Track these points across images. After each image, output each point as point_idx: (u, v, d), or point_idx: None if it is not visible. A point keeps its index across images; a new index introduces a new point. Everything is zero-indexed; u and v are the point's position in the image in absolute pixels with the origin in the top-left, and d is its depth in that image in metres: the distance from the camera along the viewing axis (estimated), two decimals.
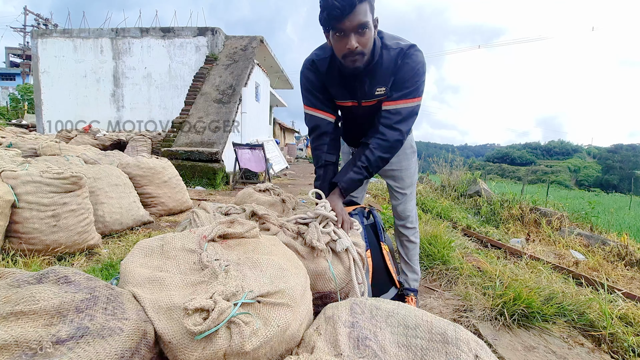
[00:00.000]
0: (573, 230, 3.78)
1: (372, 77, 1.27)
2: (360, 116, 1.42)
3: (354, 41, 1.12)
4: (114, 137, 7.62)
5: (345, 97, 1.35)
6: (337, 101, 1.40)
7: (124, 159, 3.42)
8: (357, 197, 1.81)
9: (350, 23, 1.09)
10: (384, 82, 1.27)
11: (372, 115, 1.41)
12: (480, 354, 0.70)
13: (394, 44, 1.25)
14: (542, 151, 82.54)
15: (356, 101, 1.35)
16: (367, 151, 1.30)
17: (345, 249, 1.11)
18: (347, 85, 1.32)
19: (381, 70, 1.25)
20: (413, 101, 1.28)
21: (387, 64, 1.25)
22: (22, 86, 20.34)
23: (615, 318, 1.57)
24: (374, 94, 1.30)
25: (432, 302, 1.81)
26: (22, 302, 0.64)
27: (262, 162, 6.32)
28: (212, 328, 0.65)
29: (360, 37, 1.12)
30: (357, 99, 1.34)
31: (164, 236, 0.95)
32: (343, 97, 1.36)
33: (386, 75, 1.26)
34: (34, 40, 9.43)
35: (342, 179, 1.31)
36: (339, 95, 1.37)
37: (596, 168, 60.72)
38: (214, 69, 8.17)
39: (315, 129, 1.41)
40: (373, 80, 1.27)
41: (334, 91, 1.36)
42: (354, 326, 0.78)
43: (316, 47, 1.39)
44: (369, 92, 1.30)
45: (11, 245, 1.77)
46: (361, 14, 1.08)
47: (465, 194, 5.91)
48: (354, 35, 1.11)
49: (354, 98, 1.34)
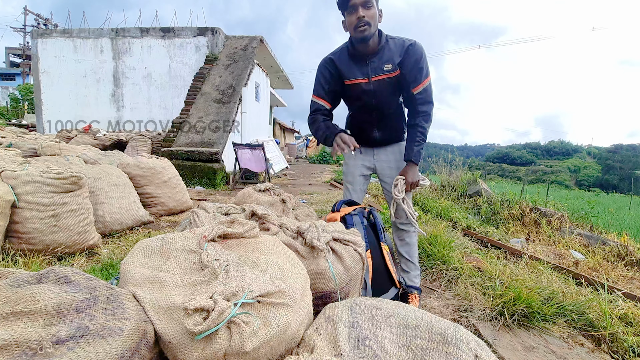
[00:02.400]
0: (573, 230, 3.78)
1: (380, 57, 1.59)
2: (371, 95, 1.67)
3: (361, 12, 1.46)
4: (114, 137, 7.62)
5: (357, 74, 1.64)
6: (349, 80, 1.66)
7: (124, 159, 3.42)
8: (358, 197, 1.83)
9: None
10: (391, 61, 1.58)
11: (379, 93, 1.66)
12: (480, 354, 0.70)
13: (397, 37, 1.61)
14: (542, 151, 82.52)
15: (367, 77, 1.63)
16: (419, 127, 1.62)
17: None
18: (359, 65, 1.63)
19: (388, 52, 1.58)
20: (429, 78, 1.61)
21: (394, 49, 1.58)
22: (22, 86, 20.33)
23: (615, 318, 1.57)
24: (383, 69, 1.60)
25: (432, 302, 1.81)
26: (22, 302, 0.64)
27: (262, 162, 6.32)
28: (212, 328, 0.65)
29: (367, 11, 1.47)
30: (368, 75, 1.62)
31: (164, 236, 0.95)
32: (354, 76, 1.65)
33: (393, 56, 1.57)
34: (34, 40, 9.43)
35: (412, 156, 1.64)
36: (351, 74, 1.65)
37: (596, 168, 60.70)
38: (214, 69, 8.17)
39: (315, 111, 1.75)
40: (381, 59, 1.59)
41: (346, 71, 1.65)
42: (354, 326, 0.78)
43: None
44: (378, 67, 1.60)
45: (11, 245, 1.77)
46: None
47: (465, 194, 5.91)
48: (361, 8, 1.46)
49: (365, 75, 1.63)
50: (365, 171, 1.84)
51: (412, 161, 1.65)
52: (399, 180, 1.66)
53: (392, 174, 1.76)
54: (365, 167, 1.83)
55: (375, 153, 1.82)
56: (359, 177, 1.84)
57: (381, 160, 1.80)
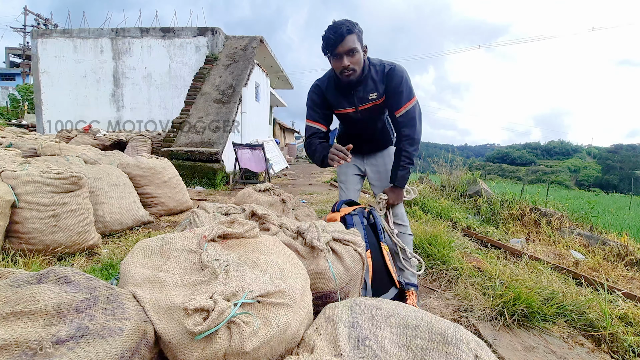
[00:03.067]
0: (573, 230, 3.78)
1: (364, 86, 1.62)
2: (358, 121, 1.74)
3: (346, 61, 1.49)
4: (114, 137, 7.62)
5: (344, 105, 1.69)
6: (337, 110, 1.73)
7: (124, 159, 3.42)
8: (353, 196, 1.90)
9: (342, 48, 1.47)
10: (375, 89, 1.62)
11: (367, 119, 1.72)
12: (480, 354, 0.70)
13: (378, 61, 1.63)
14: (542, 151, 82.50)
15: (354, 107, 1.68)
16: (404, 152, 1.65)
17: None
18: (345, 96, 1.67)
19: (371, 81, 1.62)
20: (412, 101, 1.61)
21: (375, 77, 1.61)
22: (22, 86, 20.31)
23: (615, 318, 1.57)
24: (368, 98, 1.64)
25: (432, 302, 1.81)
26: (22, 302, 0.64)
27: (262, 162, 6.32)
28: (212, 328, 0.65)
29: (351, 58, 1.49)
30: (355, 105, 1.67)
31: (164, 236, 0.95)
32: (342, 106, 1.70)
33: (375, 84, 1.61)
34: (34, 40, 9.43)
35: (395, 181, 1.70)
36: (338, 104, 1.70)
37: (596, 168, 60.67)
38: (214, 69, 8.17)
39: (311, 135, 1.80)
40: (366, 88, 1.62)
41: (334, 101, 1.70)
42: (354, 326, 0.78)
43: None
44: (363, 97, 1.64)
45: (11, 245, 1.77)
46: (350, 41, 1.46)
47: (465, 194, 5.90)
48: (346, 57, 1.49)
49: (352, 105, 1.68)
50: (358, 171, 1.92)
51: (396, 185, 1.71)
52: (381, 199, 1.75)
53: (381, 177, 1.85)
54: (358, 168, 1.92)
55: (365, 159, 1.91)
56: (352, 177, 1.92)
57: (370, 165, 1.89)
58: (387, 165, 1.83)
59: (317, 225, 1.21)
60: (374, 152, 1.89)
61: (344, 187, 1.92)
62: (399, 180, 1.69)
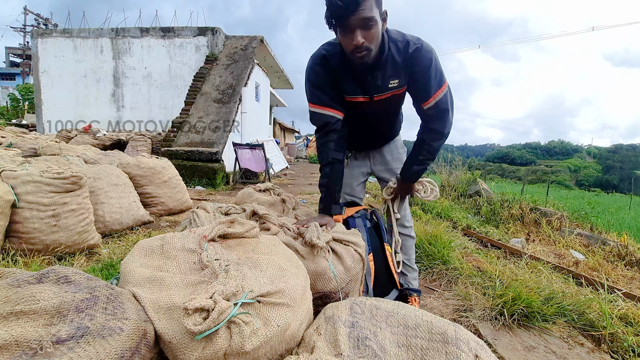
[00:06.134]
0: (573, 230, 3.78)
1: (384, 71, 1.25)
2: (370, 113, 1.39)
3: (359, 37, 1.09)
4: (114, 137, 7.62)
5: (357, 92, 1.31)
6: (348, 97, 1.35)
7: (124, 159, 3.42)
8: (360, 198, 1.79)
9: (355, 19, 1.07)
10: (397, 75, 1.26)
11: (381, 113, 1.40)
12: (480, 354, 0.70)
13: (400, 36, 1.24)
14: (542, 151, 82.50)
15: (368, 96, 1.32)
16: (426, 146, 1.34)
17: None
18: (359, 80, 1.28)
19: (393, 63, 1.24)
20: (444, 87, 1.26)
21: (397, 57, 1.23)
22: (22, 86, 20.31)
23: (615, 318, 1.57)
24: (388, 87, 1.28)
25: (432, 302, 1.81)
26: (22, 302, 0.64)
27: (262, 162, 6.32)
28: (212, 328, 0.65)
29: (367, 33, 1.10)
30: (370, 93, 1.31)
31: (164, 236, 0.95)
32: (354, 93, 1.32)
33: (398, 68, 1.25)
34: (34, 40, 9.42)
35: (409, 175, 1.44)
36: (350, 90, 1.32)
37: (596, 168, 60.68)
38: (214, 69, 8.17)
39: (323, 127, 1.35)
40: (385, 73, 1.25)
41: (345, 86, 1.32)
42: (354, 326, 0.78)
43: (323, 43, 1.33)
44: (382, 85, 1.28)
45: (11, 245, 1.77)
46: (366, 9, 1.06)
47: (465, 194, 5.91)
48: (359, 30, 1.09)
49: (366, 93, 1.31)
50: (362, 177, 1.74)
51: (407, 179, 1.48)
52: (390, 186, 1.61)
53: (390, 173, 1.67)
54: (362, 174, 1.74)
55: (371, 156, 1.70)
56: (357, 187, 1.73)
57: (377, 163, 1.71)
58: (395, 162, 1.63)
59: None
60: (380, 147, 1.64)
61: (350, 199, 1.73)
62: (413, 176, 1.44)
